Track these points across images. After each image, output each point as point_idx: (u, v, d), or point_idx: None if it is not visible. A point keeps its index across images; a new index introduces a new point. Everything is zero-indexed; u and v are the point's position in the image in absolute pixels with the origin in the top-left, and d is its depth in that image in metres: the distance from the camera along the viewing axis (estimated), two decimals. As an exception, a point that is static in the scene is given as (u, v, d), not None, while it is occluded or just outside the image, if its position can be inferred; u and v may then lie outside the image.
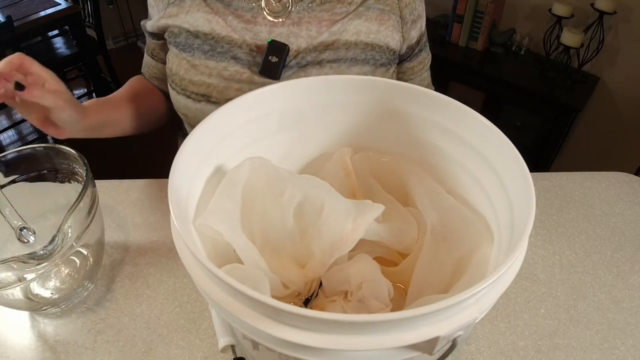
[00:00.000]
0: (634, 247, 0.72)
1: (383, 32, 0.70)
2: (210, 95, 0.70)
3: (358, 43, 0.69)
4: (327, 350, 0.31)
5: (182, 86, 0.71)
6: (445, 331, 0.31)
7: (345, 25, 0.68)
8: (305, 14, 0.68)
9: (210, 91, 0.70)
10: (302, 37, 0.68)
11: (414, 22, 0.73)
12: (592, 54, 1.84)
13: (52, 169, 0.63)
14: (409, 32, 0.73)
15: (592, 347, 0.58)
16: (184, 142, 0.44)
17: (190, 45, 0.69)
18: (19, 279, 0.51)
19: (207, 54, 0.69)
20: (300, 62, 0.69)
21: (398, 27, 0.72)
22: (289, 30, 0.68)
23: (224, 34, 0.68)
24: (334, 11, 0.69)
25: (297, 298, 0.53)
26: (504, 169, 0.44)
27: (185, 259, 0.37)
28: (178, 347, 0.58)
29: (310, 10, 0.69)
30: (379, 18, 0.70)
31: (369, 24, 0.69)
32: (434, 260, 0.49)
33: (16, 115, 2.74)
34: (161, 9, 0.72)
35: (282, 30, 0.68)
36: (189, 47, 0.69)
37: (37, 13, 2.12)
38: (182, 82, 0.71)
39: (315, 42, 0.68)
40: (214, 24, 0.68)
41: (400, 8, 0.71)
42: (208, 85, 0.69)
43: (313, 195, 0.50)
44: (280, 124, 0.55)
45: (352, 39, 0.68)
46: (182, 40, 0.70)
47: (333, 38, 0.68)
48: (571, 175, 0.85)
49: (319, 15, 0.68)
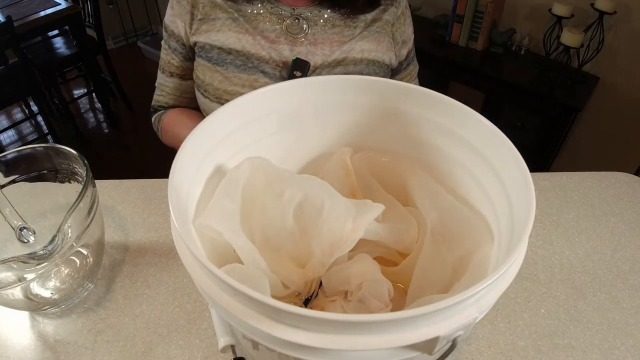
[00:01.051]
0: (634, 247, 0.72)
1: (381, 51, 0.82)
2: None
3: (363, 60, 0.80)
4: (326, 350, 0.31)
5: (217, 95, 0.79)
6: (445, 331, 0.31)
7: (352, 45, 0.80)
8: (319, 36, 0.79)
9: None
10: (318, 55, 0.79)
11: (404, 43, 0.88)
12: (592, 54, 1.84)
13: (52, 169, 0.63)
14: (399, 51, 0.87)
15: (592, 347, 0.58)
16: (184, 142, 0.44)
17: (223, 60, 0.77)
18: (19, 279, 0.51)
19: (239, 68, 0.77)
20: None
21: (391, 47, 0.84)
22: (307, 49, 0.78)
23: (253, 51, 0.77)
24: (343, 34, 0.80)
25: (297, 298, 0.53)
26: (504, 169, 0.44)
27: (185, 259, 0.37)
28: (178, 347, 0.58)
29: (324, 33, 0.79)
30: (377, 40, 0.82)
31: (371, 44, 0.81)
32: (434, 260, 0.49)
33: (16, 115, 2.74)
34: (187, 23, 0.79)
35: (301, 49, 0.78)
36: (222, 62, 0.77)
37: (37, 13, 2.12)
38: (217, 92, 0.79)
39: (329, 59, 0.79)
40: (244, 42, 0.76)
41: (393, 32, 0.84)
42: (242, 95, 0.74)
43: (313, 194, 0.50)
44: (280, 124, 0.55)
45: (358, 56, 0.80)
46: (215, 55, 0.77)
47: (343, 55, 0.79)
48: (571, 175, 0.85)
49: (331, 37, 0.79)
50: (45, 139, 2.47)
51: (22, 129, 2.65)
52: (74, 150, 0.60)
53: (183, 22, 0.79)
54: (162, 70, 0.87)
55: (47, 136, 2.43)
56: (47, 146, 0.62)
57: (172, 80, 0.87)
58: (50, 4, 2.20)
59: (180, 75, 0.87)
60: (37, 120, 2.69)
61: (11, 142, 2.55)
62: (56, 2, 2.21)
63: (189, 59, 0.84)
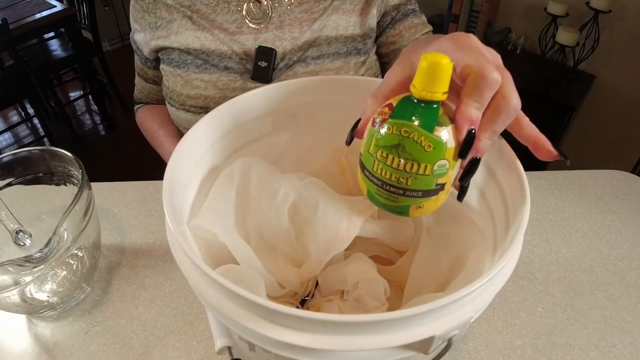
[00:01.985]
0: (631, 245, 0.72)
1: (359, 22, 0.73)
2: (208, 106, 0.73)
3: (338, 37, 0.72)
4: (322, 351, 0.31)
5: (180, 101, 0.74)
6: (440, 331, 0.31)
7: (324, 21, 0.71)
8: (286, 17, 0.71)
9: (207, 102, 0.73)
10: (286, 39, 0.71)
11: None
12: (588, 53, 1.85)
13: (47, 172, 0.63)
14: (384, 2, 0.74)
15: (589, 346, 0.58)
16: (178, 144, 0.44)
17: (183, 61, 0.72)
18: (16, 282, 0.51)
19: (200, 68, 0.72)
20: (288, 62, 0.72)
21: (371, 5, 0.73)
22: (273, 34, 0.71)
23: (213, 48, 0.71)
24: (312, 10, 0.71)
25: (293, 298, 0.53)
26: (498, 167, 0.45)
27: (180, 261, 0.37)
28: (175, 349, 0.58)
29: (290, 13, 0.71)
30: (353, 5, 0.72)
31: (347, 16, 0.72)
32: (430, 258, 0.49)
33: (12, 117, 2.74)
34: (148, 31, 0.75)
35: (267, 35, 0.71)
36: (183, 63, 0.73)
37: (33, 15, 2.12)
38: (180, 98, 0.74)
39: (299, 43, 0.71)
40: (203, 40, 0.71)
41: None
42: (205, 98, 0.73)
43: (307, 194, 0.50)
44: (274, 124, 0.55)
45: (332, 34, 0.71)
46: (175, 57, 0.73)
47: (315, 35, 0.71)
48: (567, 173, 0.86)
49: (299, 17, 0.71)
50: (42, 141, 2.46)
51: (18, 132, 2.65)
52: (69, 153, 0.60)
53: (144, 33, 0.76)
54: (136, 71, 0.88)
55: (43, 139, 2.42)
56: (42, 149, 0.62)
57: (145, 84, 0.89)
58: (46, 6, 2.19)
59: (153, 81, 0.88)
60: (33, 123, 2.69)
61: (7, 145, 2.54)
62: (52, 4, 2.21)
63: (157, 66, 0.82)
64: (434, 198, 0.38)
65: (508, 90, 0.35)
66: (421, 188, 0.37)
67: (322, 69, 0.72)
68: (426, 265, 0.49)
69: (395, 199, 0.38)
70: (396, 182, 0.37)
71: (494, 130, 0.36)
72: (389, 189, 0.38)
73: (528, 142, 0.39)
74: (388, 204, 0.39)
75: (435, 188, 0.37)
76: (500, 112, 0.35)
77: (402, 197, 0.38)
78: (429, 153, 0.35)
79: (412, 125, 0.35)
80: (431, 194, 0.37)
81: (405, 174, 0.36)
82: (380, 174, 0.38)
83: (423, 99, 0.35)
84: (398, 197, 0.38)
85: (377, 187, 0.39)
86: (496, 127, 0.36)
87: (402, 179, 0.36)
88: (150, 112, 0.91)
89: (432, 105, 0.35)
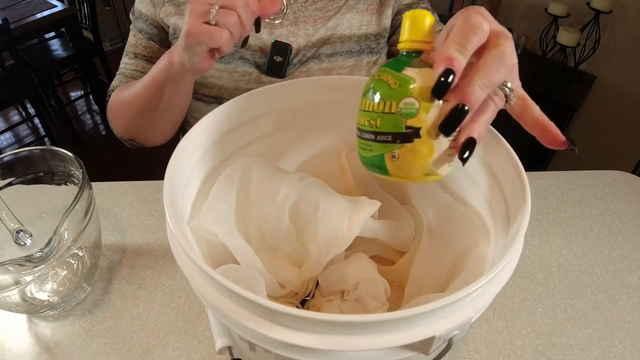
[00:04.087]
0: (631, 246, 0.72)
1: (373, 21, 0.74)
2: (222, 96, 0.72)
3: (352, 36, 0.73)
4: (323, 351, 0.31)
5: (194, 89, 0.71)
6: (440, 331, 0.31)
7: (338, 20, 0.72)
8: (300, 14, 0.72)
9: (221, 93, 0.72)
10: (301, 35, 0.72)
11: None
12: (589, 53, 1.85)
13: (48, 172, 0.63)
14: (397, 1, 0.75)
15: (589, 346, 0.58)
16: (179, 143, 0.44)
17: None
18: (16, 282, 0.51)
19: None
20: (302, 59, 0.72)
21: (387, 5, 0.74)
22: (288, 30, 0.71)
23: None
24: (327, 8, 0.72)
25: (293, 298, 0.53)
26: (499, 167, 0.45)
27: (181, 261, 0.37)
28: (175, 349, 0.58)
29: (305, 10, 0.72)
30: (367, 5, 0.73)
31: (360, 16, 0.73)
32: (431, 258, 0.49)
33: (13, 117, 2.74)
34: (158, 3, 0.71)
35: (281, 31, 0.71)
36: None
37: (34, 15, 2.12)
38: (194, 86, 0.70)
39: (313, 40, 0.72)
40: None
41: None
42: (219, 87, 0.72)
43: (308, 194, 0.50)
44: (276, 124, 0.55)
45: (346, 32, 0.72)
46: None
47: (329, 33, 0.72)
48: (568, 174, 0.85)
49: (314, 14, 0.72)
50: (42, 141, 2.46)
51: (19, 132, 2.65)
52: (70, 153, 0.60)
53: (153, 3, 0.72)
54: (126, 53, 0.78)
55: (44, 138, 2.42)
56: (43, 148, 0.62)
57: (134, 62, 0.77)
58: (47, 6, 2.19)
59: (147, 58, 0.77)
60: (34, 123, 2.69)
61: (8, 145, 2.54)
62: (52, 4, 2.21)
63: (156, 40, 0.76)
64: (409, 147, 0.35)
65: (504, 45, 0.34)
66: (390, 130, 0.36)
67: (335, 67, 0.73)
68: (427, 266, 0.49)
69: (370, 146, 0.38)
70: (368, 125, 0.37)
71: (488, 78, 0.33)
72: (364, 136, 0.38)
73: (535, 127, 0.38)
74: (365, 154, 0.39)
75: (407, 132, 0.35)
76: (493, 60, 0.33)
77: (374, 142, 0.37)
78: (394, 90, 0.35)
79: (384, 68, 0.37)
80: (403, 139, 0.35)
81: (374, 115, 0.36)
82: (359, 122, 0.39)
83: (403, 49, 0.37)
84: (372, 144, 0.38)
85: (358, 139, 0.40)
86: (490, 75, 0.33)
87: (372, 120, 0.37)
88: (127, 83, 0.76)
89: (411, 54, 0.37)
